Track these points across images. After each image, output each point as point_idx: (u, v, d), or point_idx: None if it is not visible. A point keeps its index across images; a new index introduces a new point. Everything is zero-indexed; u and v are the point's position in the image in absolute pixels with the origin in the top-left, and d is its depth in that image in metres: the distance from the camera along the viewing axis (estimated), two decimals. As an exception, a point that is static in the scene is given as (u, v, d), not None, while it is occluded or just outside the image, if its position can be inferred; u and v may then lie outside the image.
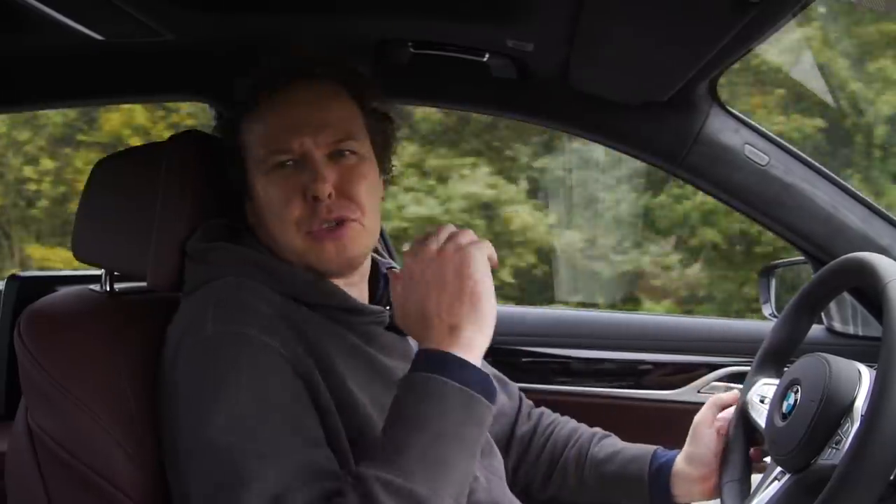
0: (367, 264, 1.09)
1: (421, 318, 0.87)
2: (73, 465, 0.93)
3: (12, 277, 1.58)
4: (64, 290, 1.09)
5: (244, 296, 0.92)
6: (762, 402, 1.11)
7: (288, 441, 0.83)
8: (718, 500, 1.14)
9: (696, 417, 1.18)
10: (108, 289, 1.10)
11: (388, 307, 1.06)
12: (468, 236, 0.90)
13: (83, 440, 0.93)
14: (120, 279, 1.11)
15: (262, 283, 0.95)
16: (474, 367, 0.85)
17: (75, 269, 1.66)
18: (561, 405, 1.35)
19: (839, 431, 0.90)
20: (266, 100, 1.02)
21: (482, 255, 0.88)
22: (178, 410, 0.88)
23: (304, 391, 0.88)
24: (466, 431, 0.82)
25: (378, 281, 1.12)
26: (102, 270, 1.10)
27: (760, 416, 1.09)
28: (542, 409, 1.32)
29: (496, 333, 0.90)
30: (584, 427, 1.30)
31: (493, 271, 0.90)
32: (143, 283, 1.05)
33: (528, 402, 1.32)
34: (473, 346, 0.86)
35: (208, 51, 1.44)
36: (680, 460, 1.18)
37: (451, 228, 0.91)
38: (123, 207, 1.06)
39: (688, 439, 1.18)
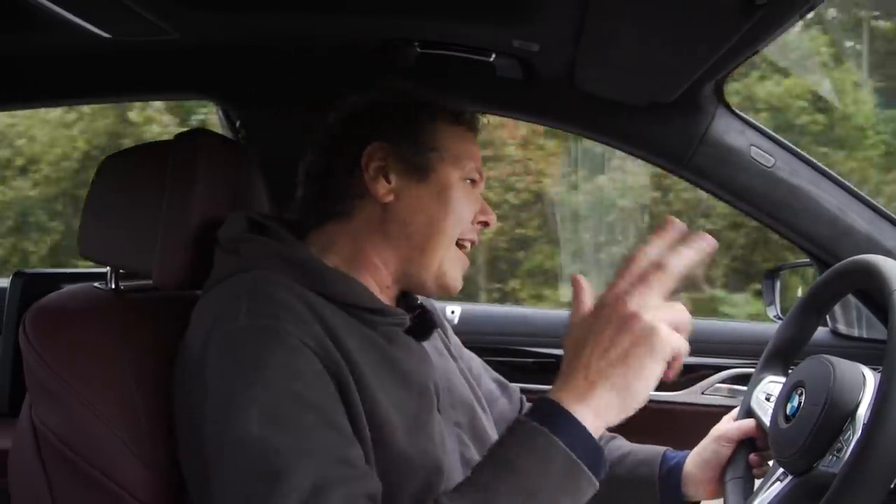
0: None
1: (574, 354, 0.81)
2: (78, 463, 0.93)
3: (18, 274, 1.59)
4: (69, 288, 1.09)
5: (277, 290, 0.91)
6: (768, 399, 1.11)
7: (323, 435, 0.82)
8: (721, 500, 1.14)
9: (723, 428, 1.17)
10: (113, 286, 1.10)
11: (407, 312, 1.06)
12: (669, 315, 0.81)
13: (88, 438, 0.94)
14: (126, 277, 1.12)
15: (290, 278, 0.94)
16: (591, 436, 0.78)
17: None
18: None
19: (841, 438, 0.89)
20: (466, 130, 1.09)
21: (668, 348, 0.79)
22: (205, 403, 0.86)
23: (334, 387, 0.87)
24: (560, 499, 0.77)
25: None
26: (108, 268, 1.11)
27: (766, 414, 1.10)
28: None
29: (500, 333, 0.89)
30: None
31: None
32: (149, 281, 1.05)
33: (529, 406, 1.32)
34: (603, 415, 0.79)
35: (215, 50, 1.44)
36: (691, 463, 1.18)
37: (654, 293, 0.81)
38: (130, 205, 1.07)
39: (703, 443, 1.18)
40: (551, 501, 0.77)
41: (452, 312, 1.83)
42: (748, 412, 1.15)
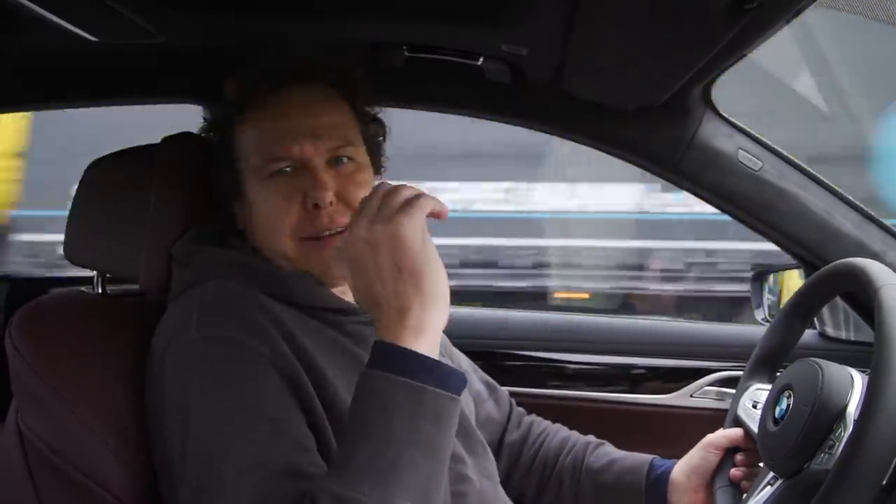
0: None
1: (373, 305, 0.81)
2: (64, 469, 0.92)
3: (3, 278, 1.57)
4: (56, 292, 1.09)
5: (229, 299, 0.91)
6: (755, 407, 1.12)
7: (271, 446, 0.81)
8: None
9: (711, 436, 1.17)
10: (100, 291, 1.09)
11: None
12: (399, 197, 0.81)
13: (74, 443, 0.93)
14: (112, 281, 1.11)
15: (247, 286, 0.94)
16: (421, 356, 0.77)
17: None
18: (553, 409, 1.35)
19: (832, 437, 0.90)
20: (259, 103, 1.02)
21: (415, 222, 0.80)
22: (166, 416, 0.88)
23: (290, 393, 0.87)
24: (421, 428, 0.75)
25: None
26: (94, 272, 1.10)
27: (753, 421, 1.10)
28: (533, 416, 1.32)
29: (488, 337, 0.89)
30: (576, 435, 1.29)
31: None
32: (136, 286, 1.04)
33: (519, 410, 1.32)
34: (424, 328, 0.78)
35: (202, 53, 1.44)
36: (678, 471, 1.17)
37: (383, 190, 0.82)
38: (116, 209, 1.06)
39: (692, 451, 1.17)
40: (410, 435, 0.75)
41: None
42: (735, 420, 1.15)
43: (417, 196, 0.81)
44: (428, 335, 0.79)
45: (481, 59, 1.37)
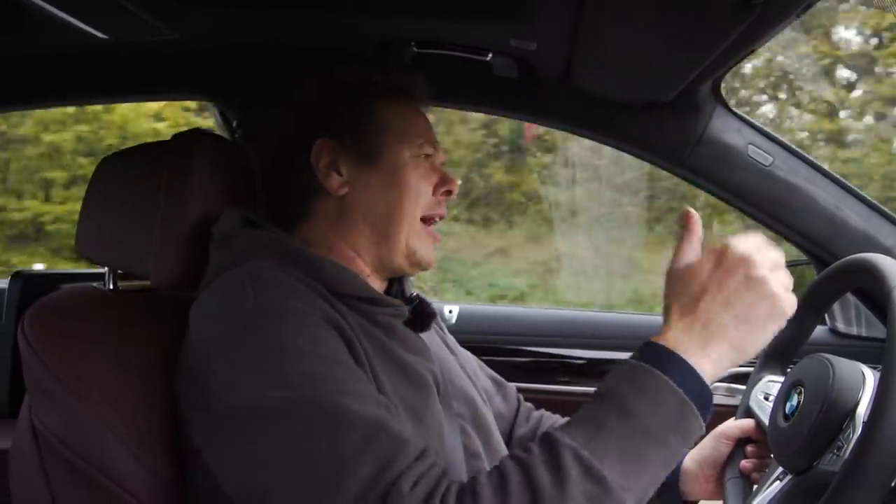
0: None
1: (685, 301, 0.82)
2: (77, 464, 0.93)
3: (16, 275, 1.58)
4: (68, 288, 1.09)
5: (278, 275, 0.91)
6: (766, 399, 1.11)
7: (360, 384, 0.82)
8: (720, 499, 1.14)
9: (723, 427, 1.17)
10: (111, 287, 1.10)
11: (404, 303, 1.06)
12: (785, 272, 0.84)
13: (87, 438, 0.93)
14: (124, 277, 1.12)
15: (288, 269, 0.94)
16: (703, 381, 0.79)
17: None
18: (562, 405, 1.35)
19: (840, 437, 0.90)
20: (408, 102, 1.09)
21: (787, 308, 0.82)
22: (219, 392, 0.84)
23: (353, 360, 0.87)
24: (670, 441, 0.77)
25: (391, 281, 1.12)
26: (106, 269, 1.10)
27: (764, 413, 1.10)
28: (542, 411, 1.32)
29: (495, 333, 0.89)
30: None
31: None
32: (147, 282, 1.05)
33: (527, 405, 1.32)
34: (717, 362, 0.80)
35: (213, 49, 1.44)
36: (689, 460, 1.18)
37: (776, 257, 0.84)
38: (127, 206, 1.07)
39: (704, 441, 1.18)
40: (662, 440, 0.77)
41: (451, 312, 1.83)
42: (747, 412, 1.15)
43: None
44: (715, 368, 0.81)
45: (490, 55, 1.37)
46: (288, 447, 0.77)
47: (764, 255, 0.82)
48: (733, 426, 1.16)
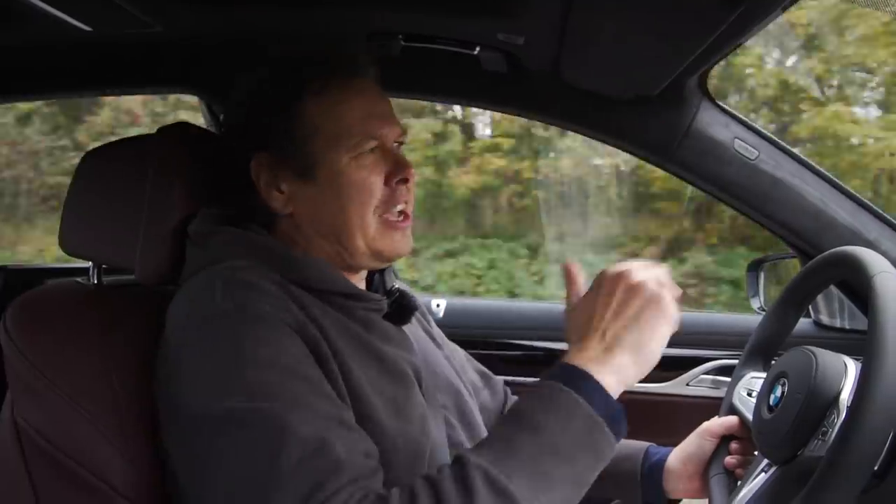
0: None
1: (582, 329, 0.86)
2: (60, 460, 0.92)
3: (-1, 269, 1.57)
4: (51, 283, 1.08)
5: (250, 275, 0.91)
6: (749, 395, 1.12)
7: (312, 399, 0.82)
8: (703, 498, 1.15)
9: (707, 424, 1.18)
10: (95, 282, 1.09)
11: (384, 296, 1.06)
12: (667, 280, 0.88)
13: (70, 434, 0.93)
14: (108, 272, 1.11)
15: (265, 268, 0.94)
16: (611, 397, 0.82)
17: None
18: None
19: (825, 423, 0.91)
20: (336, 87, 1.01)
21: (672, 309, 0.87)
22: (184, 392, 0.86)
23: (315, 362, 0.87)
24: (580, 457, 0.79)
25: (372, 273, 1.12)
26: (90, 263, 1.10)
27: (748, 409, 1.10)
28: None
29: (483, 326, 0.89)
30: None
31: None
32: (132, 277, 1.04)
33: (514, 398, 1.32)
34: (622, 375, 0.83)
35: (198, 43, 1.43)
36: (674, 458, 1.18)
37: (655, 269, 0.89)
38: (111, 200, 1.06)
39: (688, 438, 1.18)
40: (572, 458, 0.78)
41: (438, 306, 1.83)
42: (730, 409, 1.16)
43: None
44: (620, 383, 0.84)
45: (478, 49, 1.37)
46: (229, 456, 0.80)
47: (635, 268, 0.87)
48: (717, 423, 1.16)
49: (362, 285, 1.08)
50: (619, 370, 0.83)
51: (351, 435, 0.81)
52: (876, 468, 0.82)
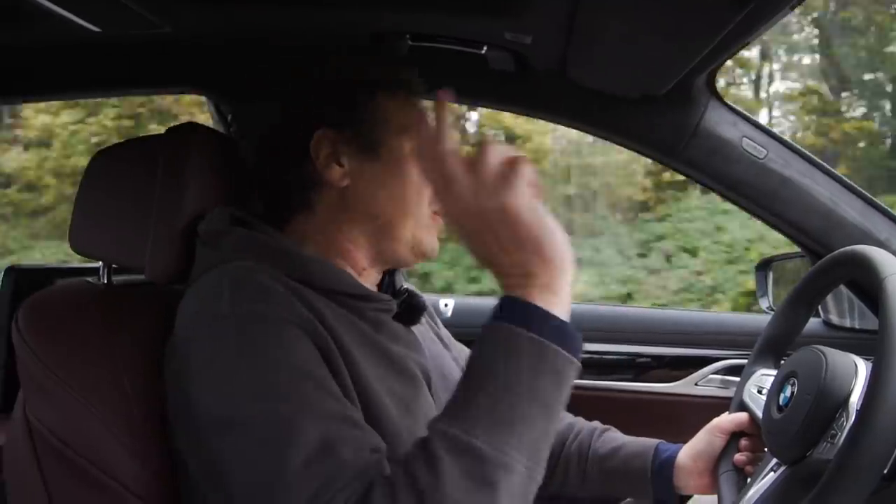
0: None
1: (498, 272, 0.81)
2: (72, 458, 0.93)
3: (10, 269, 1.58)
4: (62, 283, 1.09)
5: (257, 276, 0.91)
6: (760, 392, 1.12)
7: (320, 399, 0.81)
8: (714, 494, 1.15)
9: (717, 420, 1.18)
10: (105, 281, 1.10)
11: (393, 297, 1.06)
12: (494, 165, 0.80)
13: (81, 433, 0.93)
14: (118, 272, 1.11)
15: (273, 268, 0.94)
16: (551, 315, 0.78)
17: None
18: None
19: (834, 425, 0.90)
20: (405, 90, 1.06)
21: (521, 191, 0.79)
22: (193, 392, 0.86)
23: (325, 366, 0.87)
24: (540, 385, 0.75)
25: (383, 274, 1.12)
26: (100, 263, 1.10)
27: (758, 406, 1.10)
28: None
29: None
30: (580, 420, 1.30)
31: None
32: (142, 276, 1.05)
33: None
34: (554, 290, 0.78)
35: (206, 43, 1.44)
36: (683, 455, 1.18)
37: (479, 157, 0.81)
38: (121, 200, 1.06)
39: (698, 435, 1.18)
40: (531, 390, 0.75)
41: (446, 305, 1.83)
42: (740, 405, 1.16)
43: (514, 162, 0.81)
44: (558, 296, 0.79)
45: (485, 48, 1.36)
46: (235, 456, 0.79)
47: (453, 171, 0.80)
48: (727, 420, 1.16)
49: (372, 286, 1.08)
50: (548, 285, 0.78)
51: (358, 432, 0.81)
52: (886, 471, 0.81)
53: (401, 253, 1.04)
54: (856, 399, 0.90)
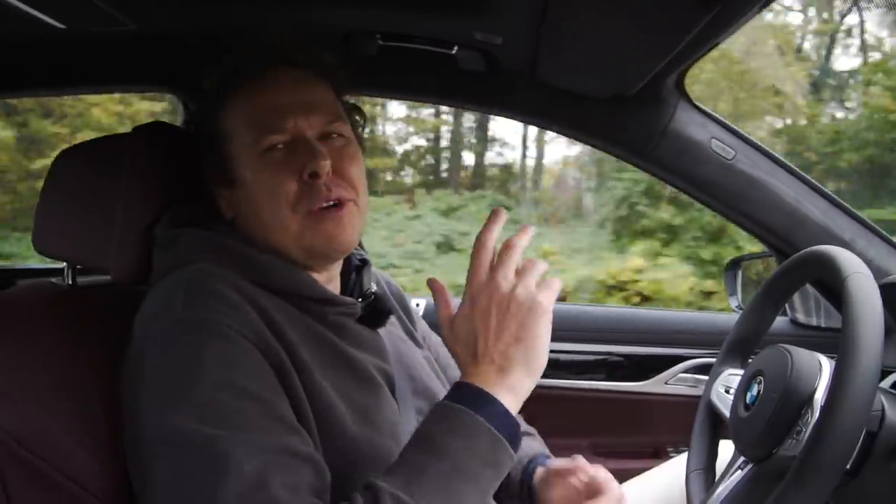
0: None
1: (471, 350, 0.86)
2: (32, 462, 0.91)
3: (-29, 271, 1.55)
4: (25, 283, 1.07)
5: (213, 282, 0.90)
6: (727, 392, 1.13)
7: (263, 425, 0.81)
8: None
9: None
10: (70, 282, 1.08)
11: (359, 299, 1.05)
12: (538, 270, 0.87)
13: (42, 435, 0.91)
14: (83, 272, 1.09)
15: (230, 270, 0.93)
16: (509, 413, 0.84)
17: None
18: (529, 398, 1.36)
19: (800, 422, 0.91)
20: (248, 84, 1.01)
21: (549, 307, 0.86)
22: (143, 398, 0.85)
23: (274, 377, 0.87)
24: (484, 474, 0.81)
25: (350, 273, 1.11)
26: (65, 264, 1.08)
27: (725, 406, 1.11)
28: None
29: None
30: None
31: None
32: (107, 277, 1.03)
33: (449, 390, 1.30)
34: (517, 391, 0.85)
35: (172, 41, 1.42)
36: (539, 478, 1.15)
37: (518, 261, 0.87)
38: (86, 200, 1.04)
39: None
40: (476, 476, 0.81)
41: (417, 305, 1.82)
42: (708, 405, 1.17)
43: (550, 280, 0.87)
44: (518, 398, 0.85)
45: (455, 48, 1.36)
46: (171, 476, 0.80)
47: (506, 269, 0.86)
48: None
49: (336, 287, 1.07)
50: (514, 387, 0.84)
51: (296, 467, 0.80)
52: (848, 467, 0.83)
53: (303, 259, 1.00)
54: (820, 396, 0.91)
